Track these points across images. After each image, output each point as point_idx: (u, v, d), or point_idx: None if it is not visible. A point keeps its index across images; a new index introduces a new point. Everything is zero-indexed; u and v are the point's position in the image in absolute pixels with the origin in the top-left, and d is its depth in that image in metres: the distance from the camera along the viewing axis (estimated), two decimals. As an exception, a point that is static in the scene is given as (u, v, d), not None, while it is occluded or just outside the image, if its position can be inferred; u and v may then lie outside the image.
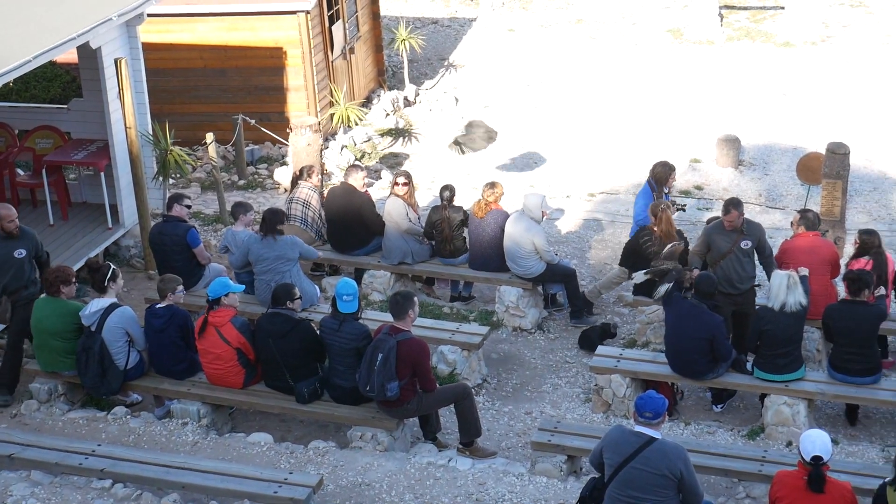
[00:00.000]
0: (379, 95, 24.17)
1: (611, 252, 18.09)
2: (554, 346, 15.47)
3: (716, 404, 13.85)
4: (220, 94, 21.49)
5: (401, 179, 16.11)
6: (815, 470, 9.31)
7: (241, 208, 15.48)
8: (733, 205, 14.35)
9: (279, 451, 12.09)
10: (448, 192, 16.09)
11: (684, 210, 16.88)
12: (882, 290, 13.83)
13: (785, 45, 26.80)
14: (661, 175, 16.14)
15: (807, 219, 14.62)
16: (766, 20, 28.35)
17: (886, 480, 9.35)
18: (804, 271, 13.59)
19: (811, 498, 9.32)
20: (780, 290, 12.74)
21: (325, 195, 16.53)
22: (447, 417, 12.85)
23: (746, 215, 18.03)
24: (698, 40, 27.31)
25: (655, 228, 15.09)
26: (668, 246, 14.79)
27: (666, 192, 16.16)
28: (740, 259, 14.21)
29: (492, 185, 15.88)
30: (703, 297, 12.93)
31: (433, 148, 22.24)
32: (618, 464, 9.50)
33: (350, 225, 16.18)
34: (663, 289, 13.93)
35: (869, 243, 14.09)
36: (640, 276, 14.89)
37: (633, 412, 9.70)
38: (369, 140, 22.14)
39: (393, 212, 15.80)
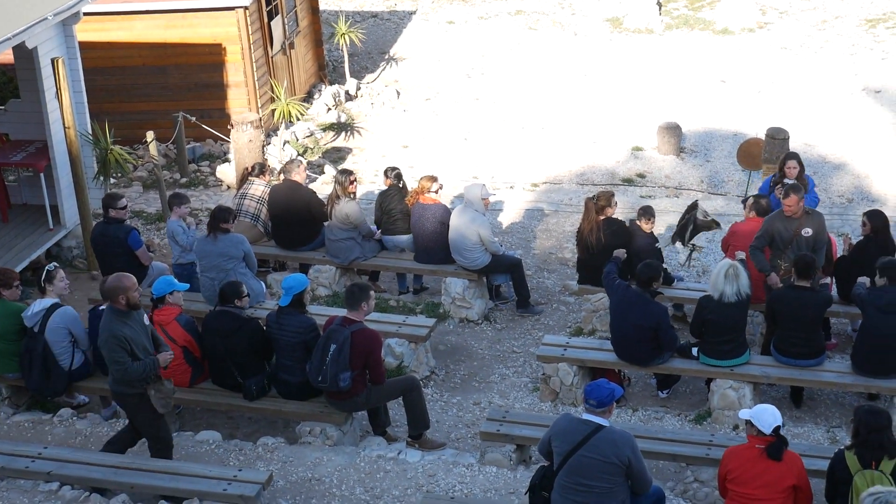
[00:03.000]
0: (320, 90, 24.11)
1: (555, 241, 18.15)
2: (501, 336, 15.51)
3: (661, 390, 13.95)
4: (159, 92, 21.35)
5: (353, 179, 16.07)
6: (780, 439, 9.59)
7: (176, 199, 15.40)
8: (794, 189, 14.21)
9: (228, 449, 12.05)
10: (398, 170, 16.51)
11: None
12: (826, 279, 13.96)
13: (723, 32, 26.97)
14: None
15: (759, 205, 14.74)
16: (705, 8, 28.52)
17: (843, 447, 9.69)
18: (741, 255, 13.73)
19: (764, 468, 9.54)
20: (719, 279, 12.85)
21: (269, 192, 16.45)
22: (396, 410, 12.87)
23: (688, 202, 18.21)
24: (637, 29, 27.42)
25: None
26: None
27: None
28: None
29: (432, 178, 15.92)
30: (644, 286, 13.00)
31: (376, 141, 22.21)
32: (566, 452, 9.54)
33: (296, 221, 16.13)
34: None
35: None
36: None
37: (583, 400, 9.76)
38: (311, 135, 22.07)
39: (352, 215, 15.73)
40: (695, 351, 13.22)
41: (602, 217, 14.92)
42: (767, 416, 9.62)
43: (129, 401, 11.18)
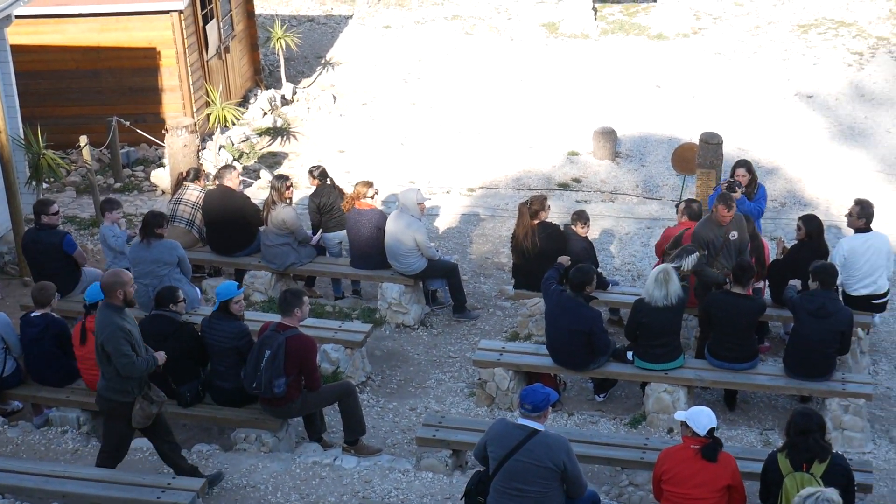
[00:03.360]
0: (256, 94, 24.01)
1: (491, 246, 18.19)
2: (437, 341, 15.51)
3: (598, 394, 14.01)
4: (93, 96, 21.16)
5: (289, 184, 16.01)
6: (714, 440, 9.63)
7: (108, 204, 15.30)
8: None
9: (162, 457, 11.95)
10: (321, 167, 16.61)
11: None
12: (759, 284, 14.09)
13: (658, 37, 27.15)
14: None
15: (690, 209, 14.87)
16: (640, 13, 28.70)
17: (776, 449, 9.75)
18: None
19: (699, 468, 9.60)
20: (650, 283, 12.94)
21: (203, 198, 16.36)
22: (332, 416, 12.82)
23: (624, 206, 18.31)
24: (573, 34, 27.54)
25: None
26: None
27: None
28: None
29: (367, 183, 15.91)
30: (576, 290, 13.05)
31: (312, 146, 22.15)
32: (502, 457, 9.55)
33: (231, 227, 16.05)
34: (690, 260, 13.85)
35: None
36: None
37: (518, 405, 9.78)
38: (247, 140, 21.97)
39: (288, 220, 15.67)
40: (630, 355, 13.29)
41: (536, 221, 14.96)
42: (703, 418, 9.68)
43: (115, 408, 10.95)
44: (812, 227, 14.44)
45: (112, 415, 11.03)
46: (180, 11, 20.58)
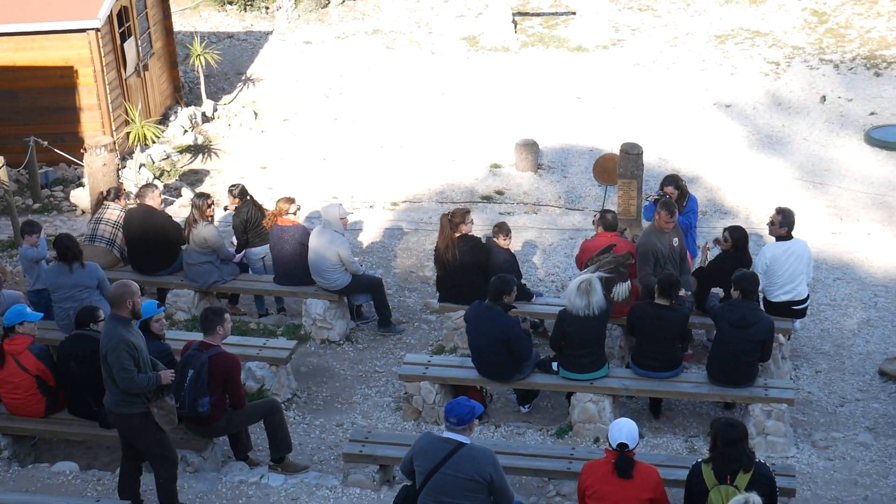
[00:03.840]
0: (176, 112, 23.83)
1: (416, 260, 18.19)
2: (363, 356, 15.47)
3: (522, 405, 14.04)
4: (10, 116, 20.87)
5: (210, 202, 15.91)
6: (622, 456, 9.55)
7: (28, 227, 15.11)
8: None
9: (86, 479, 11.84)
10: (240, 185, 16.54)
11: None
12: (683, 291, 14.20)
13: (578, 49, 27.33)
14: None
15: (605, 220, 14.96)
16: (559, 26, 28.87)
17: (701, 459, 9.76)
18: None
19: (619, 484, 9.57)
20: (571, 293, 13.01)
21: (123, 217, 16.20)
22: (258, 434, 12.74)
23: (547, 218, 18.40)
24: (494, 47, 27.65)
25: None
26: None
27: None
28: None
29: (290, 199, 15.86)
30: (494, 299, 13.08)
31: (234, 163, 22.03)
32: (428, 470, 9.55)
33: (152, 246, 15.92)
34: (623, 289, 13.94)
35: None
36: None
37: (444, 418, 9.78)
38: (168, 158, 21.80)
39: (210, 239, 15.57)
40: (555, 365, 13.34)
41: (457, 234, 14.98)
42: (614, 431, 9.70)
43: (133, 422, 10.90)
44: (737, 237, 14.64)
45: (134, 427, 10.93)
46: (97, 30, 20.38)
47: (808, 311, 15.33)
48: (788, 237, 14.61)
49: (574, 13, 28.43)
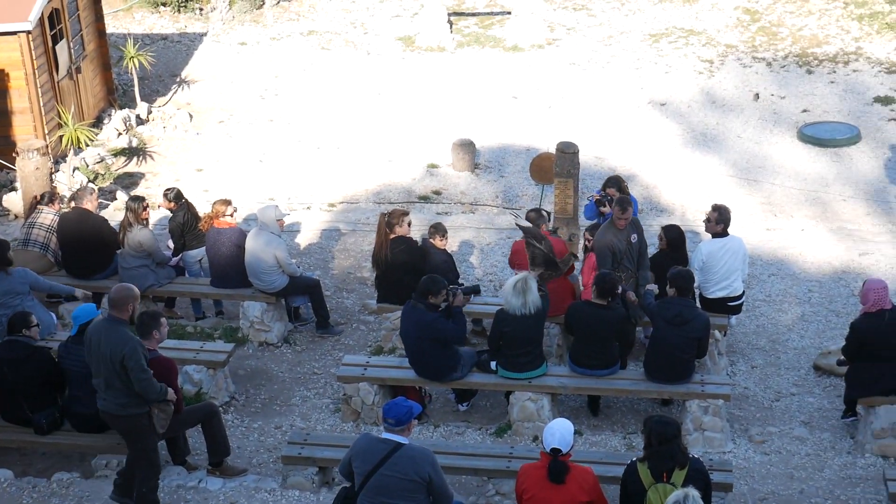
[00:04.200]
0: (110, 115, 23.59)
1: (353, 261, 18.16)
2: (301, 358, 15.43)
3: (460, 403, 14.07)
4: (-59, 120, 20.60)
5: (145, 205, 15.79)
6: (555, 461, 9.55)
7: None
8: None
9: (21, 487, 11.71)
10: (175, 189, 16.43)
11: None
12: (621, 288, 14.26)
13: (513, 49, 27.38)
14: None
15: (528, 217, 15.02)
16: (495, 25, 28.91)
17: (635, 458, 9.76)
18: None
19: (554, 488, 9.58)
20: (507, 293, 13.05)
21: (57, 221, 16.04)
22: (195, 438, 12.66)
23: (484, 217, 18.43)
24: (430, 47, 27.64)
25: None
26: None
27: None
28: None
29: (226, 201, 15.78)
30: (420, 298, 13.09)
31: (170, 166, 21.88)
32: (367, 472, 9.54)
33: (88, 250, 15.77)
34: None
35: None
36: None
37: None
38: (102, 161, 21.60)
39: (145, 242, 15.44)
40: (493, 364, 13.37)
41: (392, 235, 14.96)
42: (547, 435, 9.67)
43: (139, 423, 11.05)
44: (672, 236, 14.77)
45: (137, 428, 11.08)
46: (28, 32, 20.13)
47: (744, 307, 15.50)
48: (724, 234, 14.74)
49: (509, 13, 28.47)
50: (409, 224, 15.20)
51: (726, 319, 14.80)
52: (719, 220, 14.71)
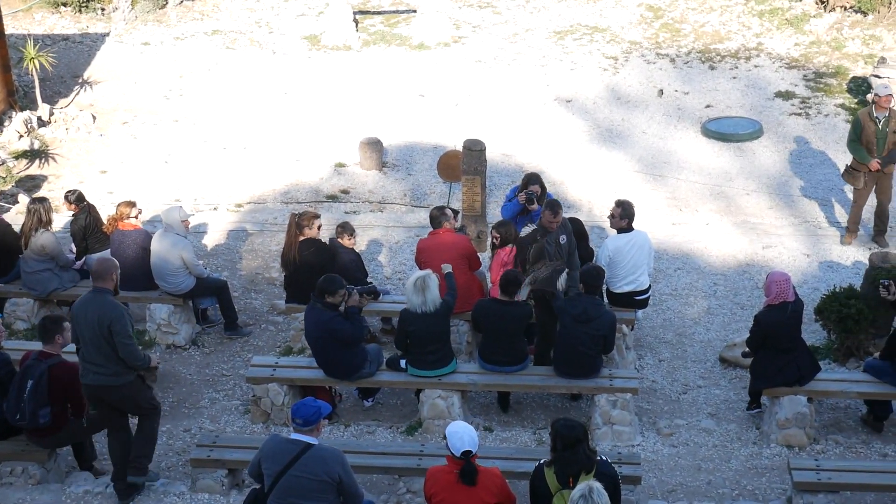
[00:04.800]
0: (10, 117, 23.22)
1: (261, 261, 18.05)
2: (210, 360, 15.32)
3: (364, 399, 14.07)
4: None
5: (48, 207, 15.57)
6: (468, 464, 9.52)
7: None
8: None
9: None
10: (77, 191, 16.22)
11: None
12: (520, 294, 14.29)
13: (419, 47, 27.38)
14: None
15: (431, 216, 15.04)
16: (401, 24, 28.89)
17: (543, 461, 9.65)
18: (447, 268, 13.94)
19: (464, 491, 9.54)
20: (409, 291, 13.09)
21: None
22: (102, 443, 12.50)
23: (393, 216, 18.41)
24: (335, 46, 27.54)
25: None
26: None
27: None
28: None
29: (130, 203, 15.62)
30: (318, 296, 13.08)
31: (73, 168, 21.59)
32: (276, 473, 9.51)
33: (-10, 254, 15.56)
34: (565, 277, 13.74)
35: (506, 234, 14.58)
36: (524, 292, 14.01)
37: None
38: (3, 164, 21.25)
39: (48, 246, 15.24)
40: (403, 363, 13.38)
41: (302, 237, 14.90)
42: (455, 440, 9.61)
43: (132, 389, 11.51)
44: (574, 230, 14.83)
45: (131, 391, 11.48)
46: (-75, 33, 19.81)
47: (651, 301, 15.64)
48: (629, 229, 14.86)
49: (415, 11, 28.47)
50: (319, 227, 15.15)
51: (633, 314, 14.93)
52: (623, 216, 14.83)
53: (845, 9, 27.30)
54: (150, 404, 11.81)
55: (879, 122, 17.53)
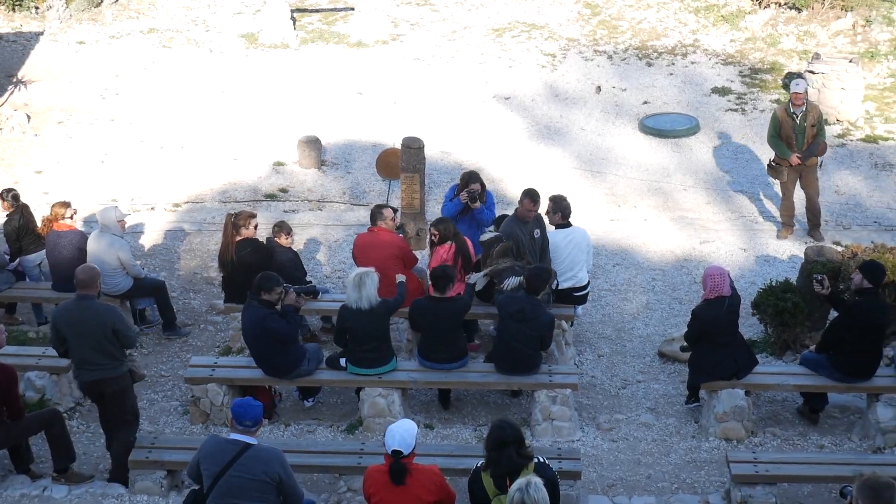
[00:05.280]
0: (-57, 117, 22.98)
1: (200, 261, 17.95)
2: (148, 361, 15.20)
3: (304, 399, 14.03)
4: None
5: None
6: (395, 463, 9.46)
7: None
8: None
9: None
10: (13, 190, 16.14)
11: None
12: (472, 278, 14.29)
13: (358, 45, 27.33)
14: None
15: (371, 213, 15.03)
16: (339, 22, 28.82)
17: (479, 465, 9.50)
18: (400, 277, 13.95)
19: (398, 490, 9.45)
20: (348, 287, 13.11)
21: None
22: (39, 446, 12.40)
23: (332, 214, 18.36)
24: (273, 44, 27.42)
25: None
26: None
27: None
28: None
29: (65, 203, 15.49)
30: (254, 294, 13.05)
31: (7, 169, 21.35)
32: (216, 473, 9.46)
33: (-77, 256, 15.36)
34: (514, 281, 13.69)
35: (444, 231, 14.57)
36: (480, 281, 14.26)
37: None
38: (-64, 164, 21.02)
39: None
40: (343, 361, 13.35)
41: (239, 237, 14.82)
42: (388, 438, 9.48)
43: (125, 379, 11.98)
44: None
45: (123, 384, 11.94)
46: None
47: (590, 296, 15.71)
48: (566, 224, 14.92)
49: (353, 9, 28.40)
50: (256, 227, 15.07)
51: (573, 309, 14.99)
52: (556, 210, 14.90)
53: (780, 5, 27.56)
54: (133, 411, 12.16)
55: (797, 117, 17.87)
